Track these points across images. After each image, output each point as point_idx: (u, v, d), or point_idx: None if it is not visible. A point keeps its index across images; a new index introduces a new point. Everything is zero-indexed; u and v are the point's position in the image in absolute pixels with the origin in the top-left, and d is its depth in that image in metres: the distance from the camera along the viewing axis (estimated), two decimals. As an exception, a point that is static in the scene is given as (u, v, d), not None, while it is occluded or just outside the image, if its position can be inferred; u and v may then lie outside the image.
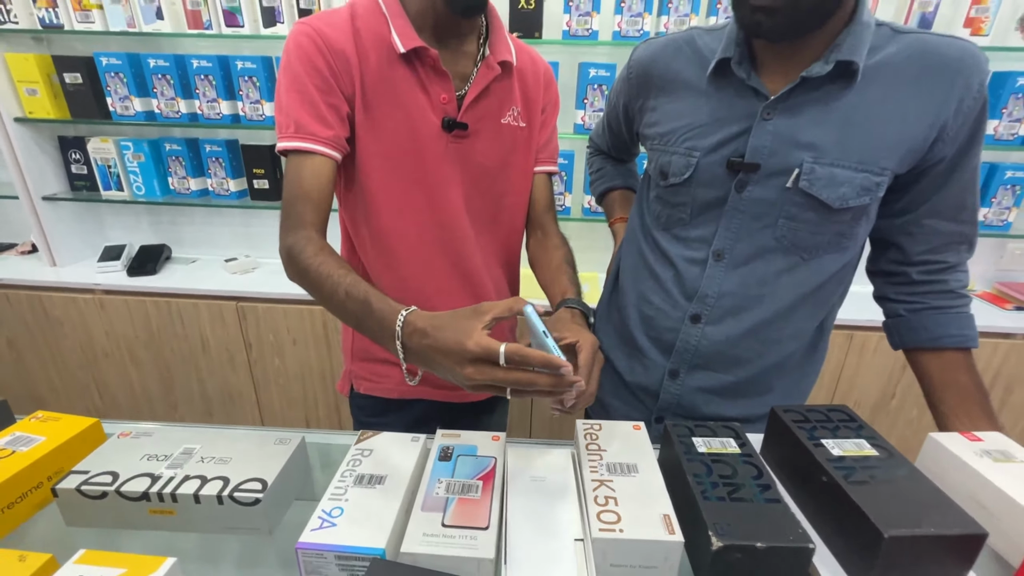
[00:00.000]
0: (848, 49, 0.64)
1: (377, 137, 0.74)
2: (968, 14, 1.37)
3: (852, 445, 0.59)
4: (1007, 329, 1.53)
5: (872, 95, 0.66)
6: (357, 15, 0.72)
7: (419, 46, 0.71)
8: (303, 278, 0.68)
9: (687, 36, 0.77)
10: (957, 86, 0.64)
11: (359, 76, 0.71)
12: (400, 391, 0.92)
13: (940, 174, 0.69)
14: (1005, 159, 1.57)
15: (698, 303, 0.78)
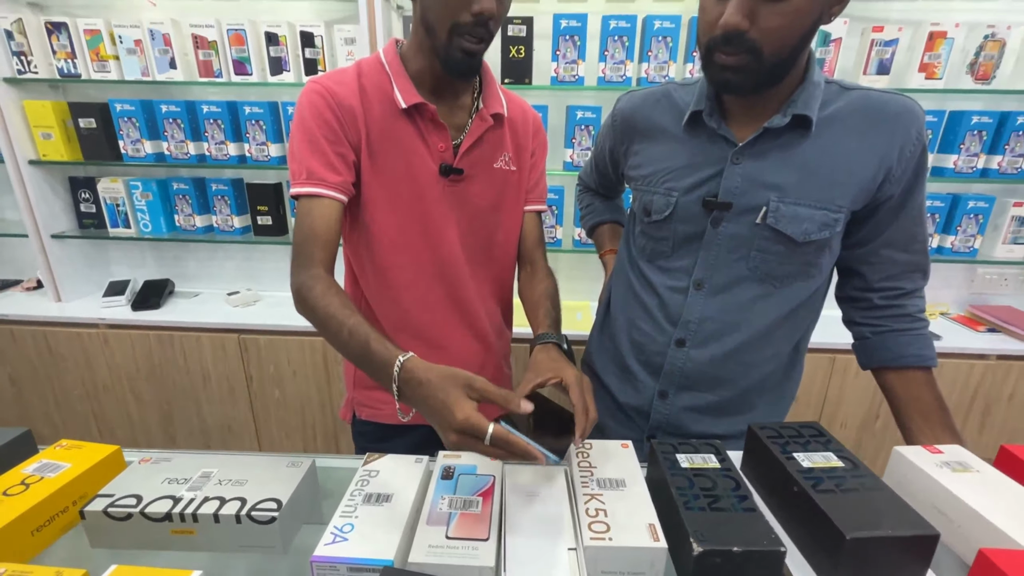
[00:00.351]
0: (802, 104, 0.73)
1: (381, 182, 0.82)
2: (922, 60, 1.50)
3: (821, 458, 0.64)
4: (981, 350, 1.60)
5: (825, 143, 0.74)
6: (363, 73, 0.81)
7: (419, 102, 0.79)
8: (311, 315, 0.74)
9: (664, 90, 0.86)
10: (898, 135, 0.73)
11: (364, 127, 0.79)
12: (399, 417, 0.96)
13: (891, 210, 0.77)
14: (967, 190, 1.68)
15: (682, 328, 0.84)
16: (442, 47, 0.74)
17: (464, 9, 0.71)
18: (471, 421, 0.54)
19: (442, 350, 0.93)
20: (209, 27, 1.57)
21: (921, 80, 1.52)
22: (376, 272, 0.88)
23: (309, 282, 0.73)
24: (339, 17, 1.65)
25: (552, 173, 1.69)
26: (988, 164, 1.58)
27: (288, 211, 1.82)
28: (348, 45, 1.58)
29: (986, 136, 1.54)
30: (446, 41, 0.73)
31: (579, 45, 1.53)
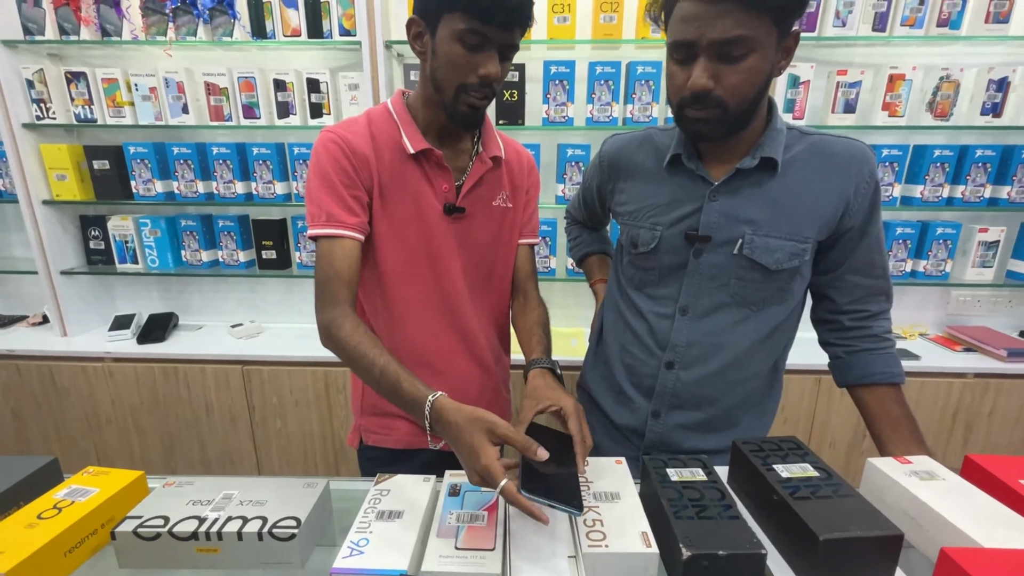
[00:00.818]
0: (768, 148, 0.82)
1: (390, 221, 0.89)
2: (884, 100, 1.62)
3: (798, 468, 0.70)
4: (959, 369, 1.67)
5: (790, 182, 0.83)
6: (373, 122, 0.88)
7: (426, 148, 0.87)
8: (341, 351, 0.81)
9: (646, 134, 0.95)
10: (852, 174, 0.82)
11: (376, 172, 0.86)
12: (407, 441, 1.01)
13: (851, 240, 0.86)
14: (936, 218, 1.78)
15: (670, 352, 0.91)
16: (450, 103, 0.82)
17: (471, 73, 0.79)
18: (490, 471, 0.62)
19: (446, 376, 0.98)
20: (221, 75, 1.67)
21: (885, 118, 1.64)
22: (384, 303, 0.94)
23: (338, 320, 0.80)
24: (344, 65, 1.77)
25: (545, 206, 1.78)
26: (952, 193, 1.69)
27: (292, 245, 1.89)
28: (352, 90, 1.68)
29: (948, 168, 1.65)
30: (453, 98, 0.81)
31: (568, 88, 1.64)
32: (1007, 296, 1.91)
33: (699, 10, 0.70)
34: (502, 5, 0.74)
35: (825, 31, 1.58)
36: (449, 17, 0.76)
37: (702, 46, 0.72)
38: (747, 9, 0.68)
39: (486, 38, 0.76)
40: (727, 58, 0.72)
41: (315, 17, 1.63)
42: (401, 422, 1.00)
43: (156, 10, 1.62)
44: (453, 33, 0.76)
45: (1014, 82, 1.61)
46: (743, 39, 0.70)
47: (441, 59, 0.79)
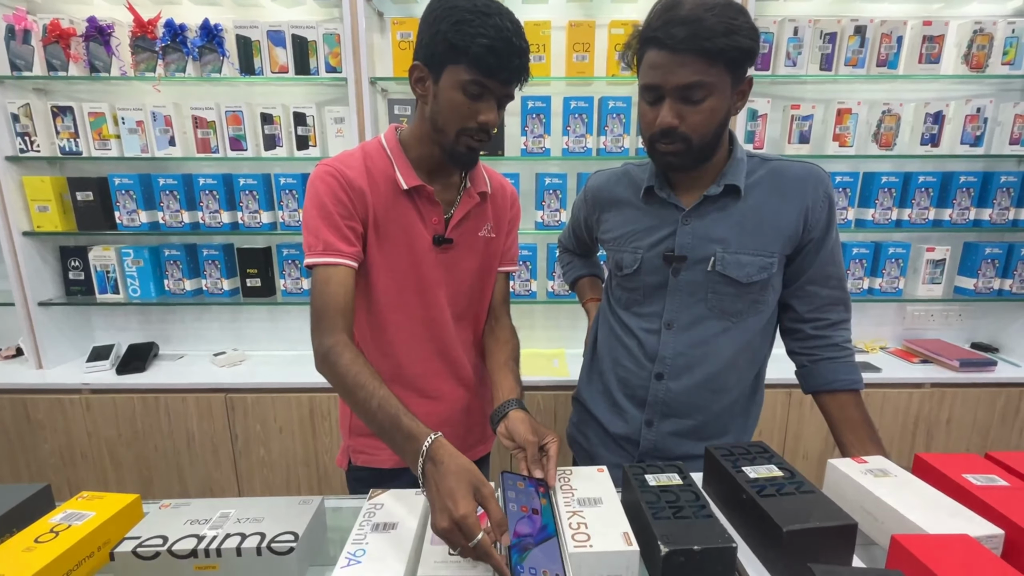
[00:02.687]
0: (731, 176, 0.92)
1: (383, 251, 0.93)
2: (835, 131, 1.76)
3: (765, 470, 0.76)
4: (917, 380, 1.78)
5: (754, 204, 0.93)
6: (368, 156, 0.92)
7: (418, 184, 0.91)
8: (338, 381, 0.82)
9: (624, 170, 1.05)
10: (809, 193, 0.92)
11: (371, 204, 0.90)
12: (394, 461, 1.03)
13: (811, 252, 0.95)
14: (887, 239, 1.91)
15: (659, 364, 0.98)
16: (449, 144, 0.87)
17: (472, 119, 0.84)
18: (467, 521, 0.61)
19: (434, 400, 1.02)
20: (209, 109, 1.72)
21: (836, 148, 1.78)
22: (373, 329, 0.98)
23: (337, 348, 0.83)
24: (329, 99, 1.84)
25: (524, 232, 1.85)
26: (900, 216, 1.83)
27: (276, 273, 1.91)
28: (337, 124, 1.75)
29: (895, 192, 1.79)
30: (454, 140, 0.86)
31: (544, 122, 1.74)
32: (957, 310, 2.05)
33: (664, 59, 0.80)
34: (506, 64, 0.80)
35: (778, 70, 1.72)
36: (454, 68, 0.81)
37: (668, 89, 0.82)
38: (704, 59, 0.78)
39: (487, 89, 0.82)
40: (689, 100, 0.82)
41: (302, 55, 1.70)
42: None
43: (146, 48, 1.67)
44: (457, 82, 0.82)
45: (948, 115, 1.77)
46: (702, 84, 0.80)
47: (443, 104, 0.84)
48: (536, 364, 1.89)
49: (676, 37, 0.77)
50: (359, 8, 1.61)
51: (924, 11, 1.82)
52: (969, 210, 1.82)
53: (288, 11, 1.80)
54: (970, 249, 1.91)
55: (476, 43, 0.78)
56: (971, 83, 1.83)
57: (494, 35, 0.79)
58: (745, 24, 0.79)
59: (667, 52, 0.80)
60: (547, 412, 1.78)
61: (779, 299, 1.01)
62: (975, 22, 1.71)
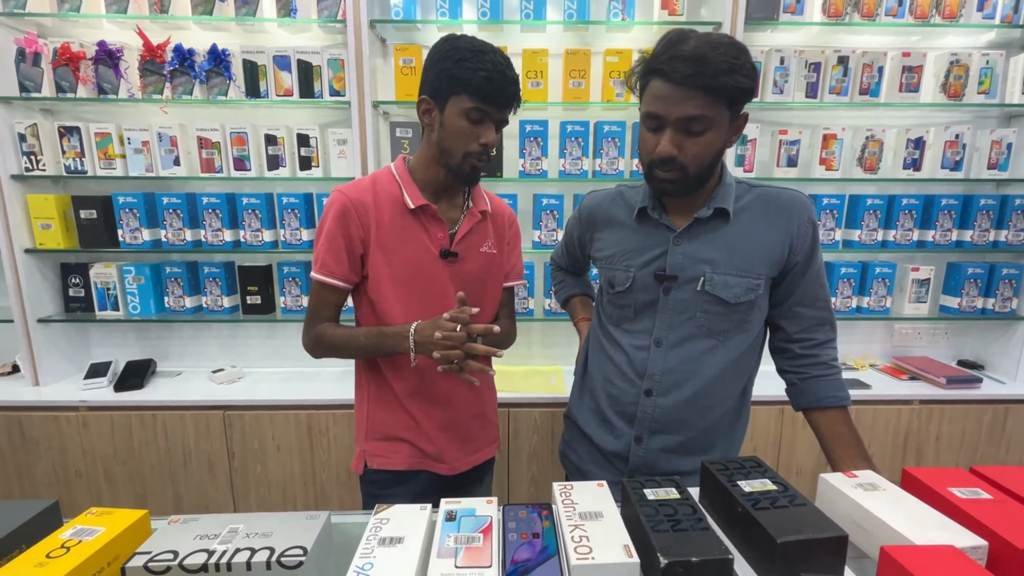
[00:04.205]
0: (720, 200, 0.96)
1: (391, 264, 1.04)
2: (821, 155, 1.83)
3: (759, 483, 0.79)
4: (906, 396, 1.82)
5: (742, 227, 0.97)
6: (377, 182, 1.06)
7: (423, 203, 1.03)
8: (329, 348, 1.05)
9: (618, 191, 1.09)
10: (794, 219, 0.97)
11: (375, 222, 1.02)
12: (408, 463, 1.12)
13: (797, 275, 0.99)
14: (874, 259, 1.97)
15: (648, 380, 1.01)
16: (456, 165, 1.00)
17: (474, 141, 0.98)
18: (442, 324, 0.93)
19: (443, 405, 1.10)
20: (214, 130, 1.76)
21: (822, 171, 1.84)
22: None
23: (321, 329, 1.05)
24: (333, 121, 1.89)
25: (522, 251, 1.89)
26: (886, 237, 1.89)
27: (277, 290, 1.93)
28: (340, 145, 1.79)
29: (880, 214, 1.86)
30: (460, 161, 0.99)
31: (542, 145, 1.79)
32: (943, 328, 2.10)
33: (669, 91, 0.85)
34: (502, 91, 0.95)
35: (766, 97, 1.79)
36: (457, 98, 0.95)
37: (670, 120, 0.86)
38: (706, 95, 0.83)
39: (486, 114, 0.96)
40: (689, 132, 0.86)
41: (307, 79, 1.75)
42: (403, 445, 1.12)
43: (154, 71, 1.72)
44: (461, 110, 0.95)
45: (929, 141, 1.85)
46: (703, 118, 0.85)
47: (449, 130, 0.98)
48: (533, 381, 1.91)
49: (681, 72, 0.82)
50: (363, 35, 1.66)
51: (903, 43, 1.91)
52: (951, 231, 1.88)
53: (294, 37, 1.86)
54: (953, 269, 1.97)
55: (476, 75, 0.93)
56: (949, 111, 1.91)
57: (491, 68, 0.93)
58: (746, 64, 0.84)
59: (672, 85, 0.84)
60: (544, 429, 1.79)
61: (768, 320, 1.05)
62: (951, 54, 1.79)
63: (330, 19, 1.70)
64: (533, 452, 1.81)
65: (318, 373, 2.00)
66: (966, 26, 1.78)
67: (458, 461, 1.15)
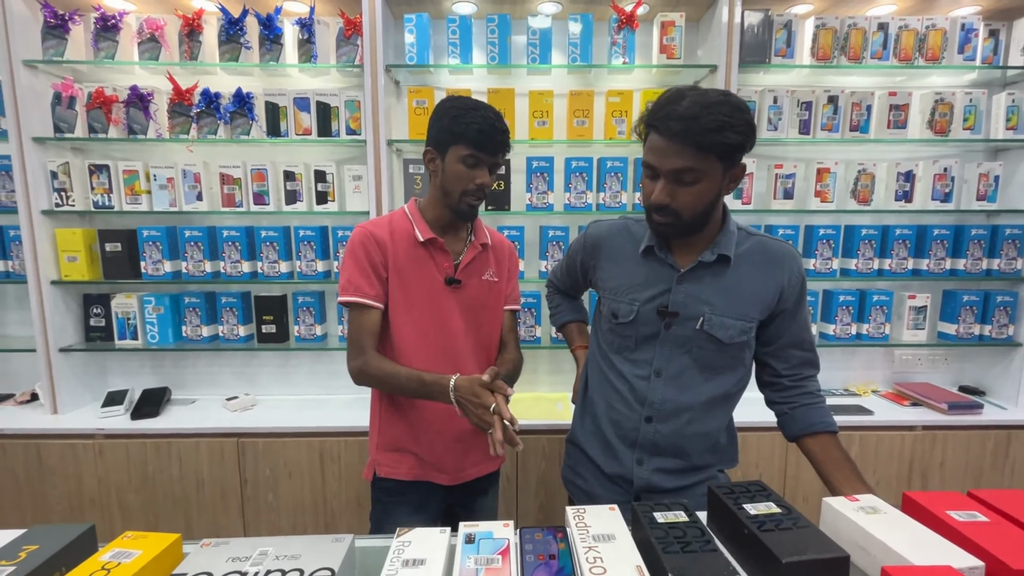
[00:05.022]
0: (723, 246, 1.03)
1: (404, 291, 1.18)
2: (816, 188, 1.91)
3: (764, 506, 0.82)
4: (909, 422, 1.84)
5: (741, 273, 1.04)
6: (393, 220, 1.21)
7: (431, 237, 1.17)
8: (375, 381, 1.15)
9: (624, 223, 1.15)
10: (785, 269, 1.04)
11: (391, 254, 1.17)
12: (414, 474, 1.24)
13: (786, 319, 1.07)
14: (871, 287, 2.03)
15: (649, 408, 1.07)
16: (455, 204, 1.16)
17: (470, 182, 1.13)
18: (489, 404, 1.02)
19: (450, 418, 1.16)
20: (236, 167, 1.85)
21: (817, 203, 1.92)
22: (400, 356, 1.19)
23: (368, 361, 1.14)
24: (349, 158, 1.98)
25: (530, 281, 1.96)
26: (882, 266, 1.95)
27: (291, 320, 1.99)
28: (355, 180, 1.88)
29: (875, 244, 1.92)
30: (458, 200, 1.15)
31: (548, 179, 1.88)
32: (943, 354, 2.14)
33: (661, 145, 0.92)
34: (492, 140, 1.11)
35: (761, 133, 1.88)
36: (455, 147, 1.11)
37: (662, 171, 0.94)
38: (695, 150, 0.89)
39: (480, 160, 1.12)
40: (681, 182, 0.93)
41: (325, 119, 1.85)
42: (409, 456, 1.23)
43: (182, 113, 1.82)
44: (458, 157, 1.12)
45: (918, 174, 1.93)
46: (692, 169, 0.91)
47: (450, 174, 1.14)
48: (540, 408, 1.95)
49: (672, 129, 0.89)
50: (379, 78, 1.77)
51: (889, 83, 2.02)
52: (945, 260, 1.94)
53: (314, 80, 1.97)
54: (949, 296, 2.02)
55: (470, 128, 1.09)
56: (937, 146, 2.00)
57: (482, 122, 1.10)
58: (739, 121, 0.88)
59: (665, 139, 0.91)
60: (552, 456, 1.82)
61: (758, 358, 1.12)
62: (936, 93, 1.89)
63: (348, 64, 1.81)
64: (541, 479, 1.83)
65: (329, 400, 2.04)
66: (948, 67, 1.88)
67: (459, 472, 1.25)
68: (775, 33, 1.83)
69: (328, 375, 2.10)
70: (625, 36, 1.82)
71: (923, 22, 1.85)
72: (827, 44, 1.84)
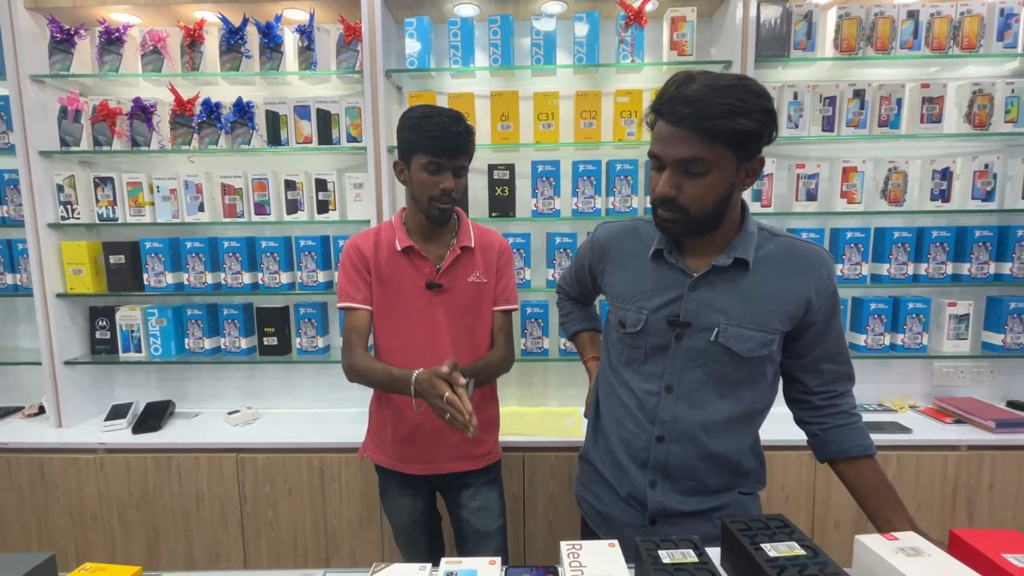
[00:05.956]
0: (740, 249, 0.92)
1: (387, 296, 1.26)
2: (842, 189, 1.79)
3: (785, 547, 0.72)
4: (952, 442, 1.68)
5: (761, 278, 0.93)
6: (381, 231, 1.30)
7: (408, 245, 1.24)
8: (360, 376, 1.21)
9: (633, 225, 1.06)
10: (814, 276, 0.93)
11: (373, 263, 1.26)
12: (391, 463, 1.33)
13: (818, 332, 0.95)
14: (906, 293, 1.88)
15: (660, 426, 0.97)
16: (425, 210, 1.21)
17: (435, 188, 1.17)
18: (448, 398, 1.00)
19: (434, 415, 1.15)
20: (237, 177, 1.83)
21: (844, 204, 1.79)
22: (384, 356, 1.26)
23: (356, 358, 1.22)
24: (350, 166, 1.94)
25: (537, 290, 1.88)
26: (917, 271, 1.81)
27: (293, 332, 1.95)
28: (356, 189, 1.83)
29: (909, 248, 1.78)
30: (427, 206, 1.19)
31: (554, 184, 1.80)
32: (988, 367, 1.97)
33: (667, 132, 0.84)
34: (449, 144, 1.14)
35: (782, 132, 1.77)
36: (417, 156, 1.16)
37: (668, 161, 0.85)
38: (703, 137, 0.80)
39: (441, 165, 1.16)
40: (687, 173, 0.84)
41: (325, 127, 1.82)
42: (386, 445, 1.33)
43: (183, 124, 1.81)
44: (420, 165, 1.17)
45: (956, 172, 1.79)
46: (699, 159, 0.82)
47: (415, 183, 1.19)
48: (549, 424, 1.86)
49: (679, 114, 0.80)
50: (379, 84, 1.73)
51: (921, 75, 1.88)
52: (988, 264, 1.79)
53: (314, 88, 1.94)
54: (994, 304, 1.86)
55: (424, 136, 1.13)
56: (976, 140, 1.85)
57: (436, 128, 1.13)
58: (755, 106, 0.79)
59: (670, 126, 0.82)
60: (561, 474, 1.72)
61: (786, 372, 1.01)
62: (973, 83, 1.75)
63: (348, 70, 1.78)
64: (550, 498, 1.73)
65: (332, 414, 1.98)
66: (987, 56, 1.74)
67: (431, 464, 1.31)
68: (794, 25, 1.72)
69: (331, 388, 2.05)
70: (633, 33, 1.74)
71: (957, 8, 1.72)
72: (851, 35, 1.73)
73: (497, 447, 1.40)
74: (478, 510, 1.34)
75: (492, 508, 1.36)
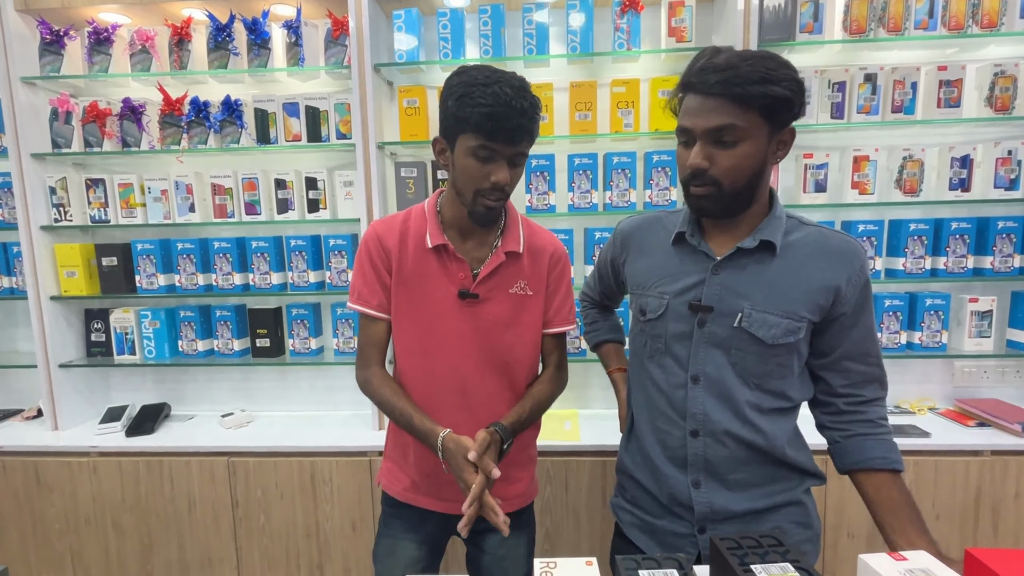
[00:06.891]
0: (768, 232, 0.88)
1: (410, 301, 1.03)
2: (853, 179, 1.69)
3: (778, 569, 0.65)
4: (975, 446, 1.58)
5: (787, 264, 0.88)
6: (409, 217, 1.05)
7: (442, 243, 1.01)
8: (374, 400, 1.07)
9: (656, 216, 1.03)
10: (844, 266, 0.87)
11: (396, 259, 1.03)
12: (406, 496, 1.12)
13: (845, 327, 0.89)
14: (923, 289, 1.78)
15: (691, 420, 0.92)
16: (469, 205, 0.97)
17: (484, 180, 0.93)
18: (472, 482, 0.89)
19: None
20: (227, 177, 1.81)
21: (856, 196, 1.70)
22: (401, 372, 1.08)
23: (372, 377, 1.05)
24: (340, 164, 1.90)
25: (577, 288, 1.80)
26: (935, 265, 1.70)
27: (286, 333, 1.92)
28: (347, 187, 1.79)
29: (927, 240, 1.68)
30: (472, 201, 0.96)
31: (549, 179, 1.74)
32: (1014, 366, 1.85)
33: (697, 103, 0.81)
34: (503, 126, 0.88)
35: (787, 120, 1.68)
36: (463, 136, 0.91)
37: (699, 132, 0.82)
38: (735, 104, 0.78)
39: (494, 151, 0.91)
40: (720, 143, 0.81)
41: (314, 124, 1.78)
42: (403, 476, 1.12)
43: (172, 123, 1.79)
44: (467, 149, 0.91)
45: (977, 159, 1.68)
46: (732, 127, 0.79)
47: (459, 170, 0.95)
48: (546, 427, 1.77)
49: (709, 82, 0.79)
50: (367, 78, 1.68)
51: (937, 56, 1.77)
52: (1012, 257, 1.68)
53: (303, 84, 1.91)
54: (1019, 299, 1.75)
55: (476, 112, 0.87)
56: (998, 125, 1.74)
57: (492, 102, 0.86)
58: (784, 75, 0.79)
59: (701, 96, 0.81)
60: (558, 481, 1.66)
61: (812, 371, 0.95)
62: (995, 65, 1.65)
63: (336, 65, 1.74)
64: (546, 506, 1.67)
65: (327, 417, 1.95)
66: (1009, 35, 1.63)
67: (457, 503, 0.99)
68: (799, 7, 1.63)
69: (326, 390, 2.02)
70: (629, 20, 1.67)
71: (976, -16, 1.61)
72: (862, 16, 1.63)
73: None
74: (502, 559, 1.13)
75: (519, 557, 1.14)
